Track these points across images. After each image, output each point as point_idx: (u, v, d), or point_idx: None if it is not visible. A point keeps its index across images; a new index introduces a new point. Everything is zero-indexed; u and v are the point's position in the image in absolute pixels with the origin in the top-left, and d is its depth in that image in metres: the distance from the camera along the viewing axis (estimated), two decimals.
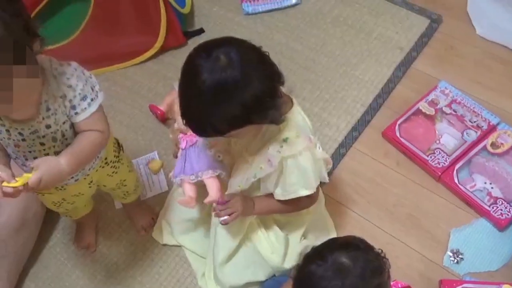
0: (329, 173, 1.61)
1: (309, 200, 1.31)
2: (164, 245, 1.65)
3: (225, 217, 1.29)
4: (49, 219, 1.67)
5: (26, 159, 1.17)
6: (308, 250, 1.22)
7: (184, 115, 1.10)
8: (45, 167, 1.08)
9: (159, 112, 1.84)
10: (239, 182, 1.29)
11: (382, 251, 1.09)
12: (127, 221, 1.70)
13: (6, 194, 1.06)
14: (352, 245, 1.08)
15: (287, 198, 1.26)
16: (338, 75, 1.96)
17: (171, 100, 1.83)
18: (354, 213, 1.66)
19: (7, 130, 1.10)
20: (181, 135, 1.39)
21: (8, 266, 1.52)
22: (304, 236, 1.51)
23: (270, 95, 1.08)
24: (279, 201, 1.29)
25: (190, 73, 1.05)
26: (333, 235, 1.59)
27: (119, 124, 1.89)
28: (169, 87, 1.88)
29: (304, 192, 1.24)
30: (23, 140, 1.12)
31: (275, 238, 1.44)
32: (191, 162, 1.33)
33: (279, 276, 1.49)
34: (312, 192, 1.25)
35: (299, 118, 1.22)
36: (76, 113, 1.11)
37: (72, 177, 1.25)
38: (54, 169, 1.10)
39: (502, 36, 1.96)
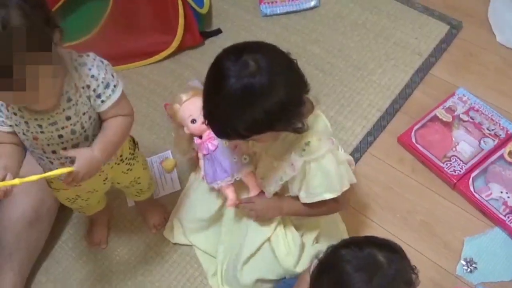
0: None
1: (336, 204, 1.32)
2: (175, 244, 1.65)
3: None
4: (62, 214, 1.68)
5: (44, 152, 1.18)
6: (321, 254, 1.23)
7: (207, 117, 1.10)
8: (81, 161, 1.12)
9: None
10: (269, 185, 1.32)
11: (416, 267, 1.07)
12: (139, 219, 1.70)
13: None
14: (391, 247, 1.05)
15: (311, 201, 1.27)
16: (355, 79, 1.95)
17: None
18: (367, 218, 1.64)
19: (26, 122, 1.11)
20: (197, 140, 1.40)
21: (20, 259, 1.53)
22: (316, 240, 1.50)
23: (295, 103, 1.09)
24: (305, 204, 1.29)
25: (217, 75, 1.06)
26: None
27: (134, 122, 1.89)
28: (185, 87, 1.89)
29: (328, 196, 1.24)
30: (42, 132, 1.13)
31: (292, 240, 1.44)
32: (221, 165, 1.36)
33: (289, 279, 1.48)
34: (336, 195, 1.25)
35: (321, 122, 1.23)
36: (103, 101, 1.13)
37: None
38: (90, 161, 1.14)
39: None
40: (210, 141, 1.39)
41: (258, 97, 1.03)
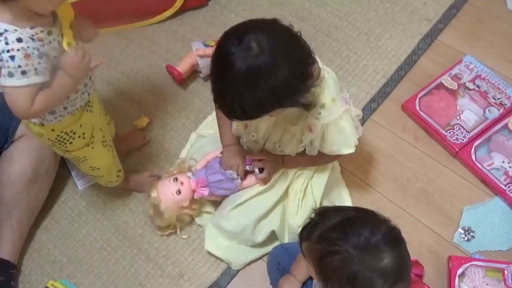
0: None
1: (337, 156, 1.38)
2: None
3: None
4: (61, 174, 1.69)
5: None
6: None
7: (217, 100, 1.14)
8: None
9: (175, 73, 1.82)
10: (288, 147, 1.38)
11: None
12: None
13: None
14: (399, 241, 1.03)
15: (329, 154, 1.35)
16: (361, 44, 1.91)
17: (189, 62, 1.81)
18: (367, 185, 1.64)
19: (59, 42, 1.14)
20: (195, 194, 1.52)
21: (19, 217, 1.54)
22: (321, 204, 1.53)
23: (300, 79, 1.10)
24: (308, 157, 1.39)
25: (222, 60, 1.08)
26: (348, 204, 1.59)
27: (134, 82, 1.88)
28: (188, 48, 1.86)
29: (346, 151, 1.32)
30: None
31: (305, 205, 1.48)
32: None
33: (288, 243, 1.48)
34: (353, 150, 1.32)
35: (330, 81, 1.24)
36: None
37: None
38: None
39: None
40: (199, 190, 1.50)
41: (263, 77, 1.05)
